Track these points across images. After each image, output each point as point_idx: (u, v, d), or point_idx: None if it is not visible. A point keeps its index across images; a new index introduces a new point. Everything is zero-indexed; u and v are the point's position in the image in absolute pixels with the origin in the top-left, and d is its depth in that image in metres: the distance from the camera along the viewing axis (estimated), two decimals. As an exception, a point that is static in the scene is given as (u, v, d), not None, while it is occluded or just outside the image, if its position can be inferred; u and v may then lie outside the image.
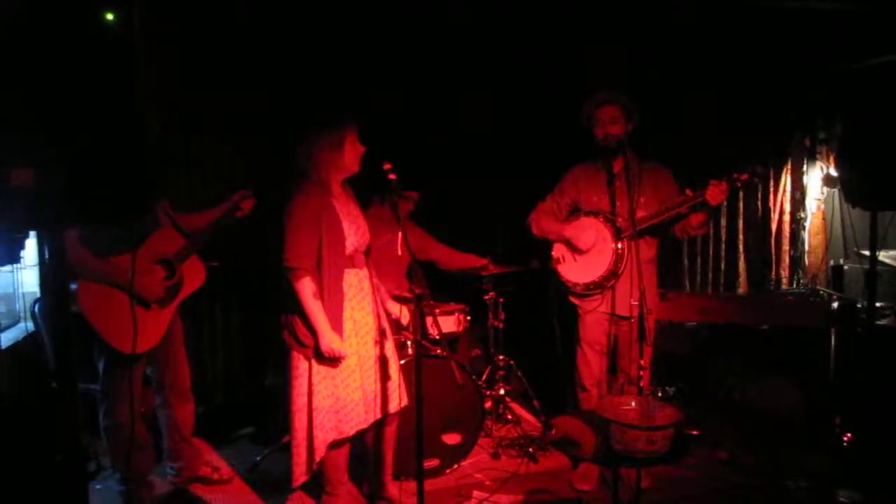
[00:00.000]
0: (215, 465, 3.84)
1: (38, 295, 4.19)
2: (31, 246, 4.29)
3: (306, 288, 3.02)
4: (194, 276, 3.50)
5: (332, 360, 3.08)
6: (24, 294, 4.16)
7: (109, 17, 1.36)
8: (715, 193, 3.41)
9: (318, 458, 3.15)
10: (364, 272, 3.24)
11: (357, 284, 3.19)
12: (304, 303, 3.03)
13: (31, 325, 3.99)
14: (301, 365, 3.14)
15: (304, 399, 3.14)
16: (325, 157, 3.11)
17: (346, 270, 3.14)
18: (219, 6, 4.18)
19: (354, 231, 3.16)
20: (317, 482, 3.33)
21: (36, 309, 3.87)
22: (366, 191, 3.42)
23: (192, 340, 4.13)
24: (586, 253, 3.69)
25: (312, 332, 3.05)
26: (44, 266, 4.46)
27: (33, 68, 1.38)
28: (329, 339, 3.02)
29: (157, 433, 3.68)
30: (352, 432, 3.17)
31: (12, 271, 4.04)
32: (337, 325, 3.08)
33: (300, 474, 3.19)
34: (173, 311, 3.45)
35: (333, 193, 3.17)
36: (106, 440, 3.42)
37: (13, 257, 3.86)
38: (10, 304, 4.18)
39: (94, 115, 1.44)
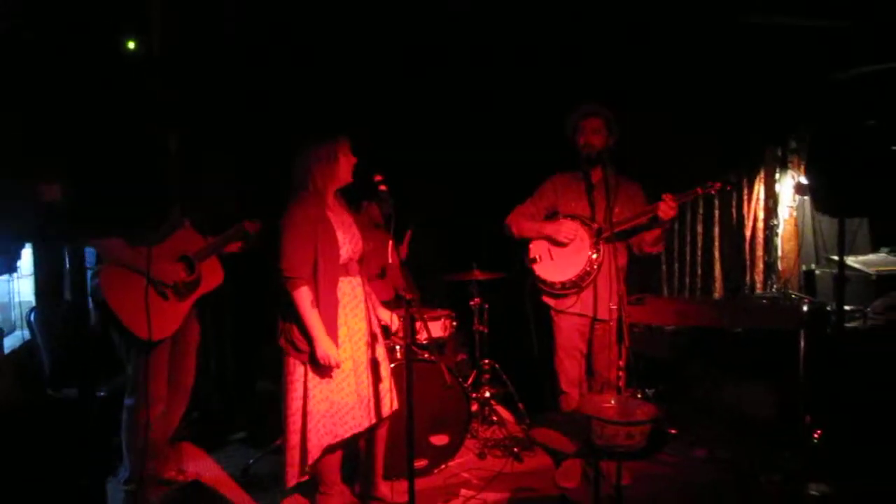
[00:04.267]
0: (181, 468, 3.91)
1: (34, 304, 4.29)
2: (27, 256, 4.41)
3: (304, 297, 3.14)
4: (212, 275, 3.65)
5: (328, 367, 3.20)
6: (20, 303, 4.25)
7: (131, 45, 1.48)
8: (665, 209, 3.59)
9: (311, 461, 3.25)
10: (357, 280, 3.38)
11: (351, 292, 3.32)
12: (302, 311, 3.14)
13: (27, 334, 4.09)
14: (297, 370, 3.26)
15: (300, 403, 3.25)
16: (322, 169, 3.25)
17: (341, 279, 3.27)
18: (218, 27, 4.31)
19: (349, 240, 3.30)
20: (310, 482, 3.44)
21: (32, 317, 3.97)
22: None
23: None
24: (564, 250, 3.84)
25: (309, 339, 3.16)
26: (39, 276, 4.58)
27: (58, 91, 1.50)
28: (325, 347, 3.14)
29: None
30: (347, 435, 3.28)
31: (9, 280, 4.13)
32: (332, 332, 3.20)
33: (293, 476, 3.29)
34: (189, 306, 3.57)
35: (328, 204, 3.31)
36: (125, 437, 3.52)
37: (10, 267, 3.98)
38: (6, 313, 4.27)
39: (116, 135, 1.57)
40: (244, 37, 4.27)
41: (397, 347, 3.93)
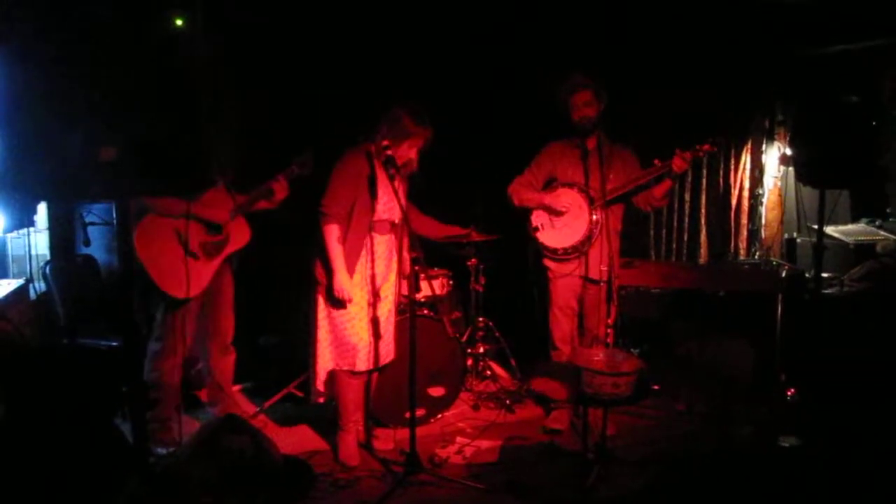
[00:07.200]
0: (250, 414, 4.16)
1: (49, 258, 4.47)
2: (41, 212, 4.58)
3: (332, 232, 3.42)
4: (240, 234, 3.84)
5: (339, 301, 3.46)
6: (36, 256, 4.42)
7: (179, 22, 1.64)
8: (679, 163, 3.78)
9: (317, 384, 3.65)
10: (385, 238, 3.59)
11: (372, 248, 3.54)
12: (328, 244, 3.42)
13: (42, 286, 4.28)
14: (319, 300, 3.56)
15: (315, 332, 3.59)
16: (393, 137, 3.43)
17: (371, 232, 3.52)
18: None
19: (386, 201, 3.51)
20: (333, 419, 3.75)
21: (47, 270, 4.15)
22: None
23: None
24: (564, 217, 4.02)
25: (328, 272, 3.43)
26: (53, 231, 4.76)
27: (117, 69, 1.67)
28: (341, 280, 3.41)
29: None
30: (355, 368, 3.56)
31: (27, 234, 4.30)
32: (351, 272, 3.47)
33: (315, 395, 3.72)
34: (219, 264, 3.77)
35: (381, 163, 3.48)
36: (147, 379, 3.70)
37: (28, 222, 4.17)
38: (23, 266, 4.44)
39: (167, 106, 1.73)
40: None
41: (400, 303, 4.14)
